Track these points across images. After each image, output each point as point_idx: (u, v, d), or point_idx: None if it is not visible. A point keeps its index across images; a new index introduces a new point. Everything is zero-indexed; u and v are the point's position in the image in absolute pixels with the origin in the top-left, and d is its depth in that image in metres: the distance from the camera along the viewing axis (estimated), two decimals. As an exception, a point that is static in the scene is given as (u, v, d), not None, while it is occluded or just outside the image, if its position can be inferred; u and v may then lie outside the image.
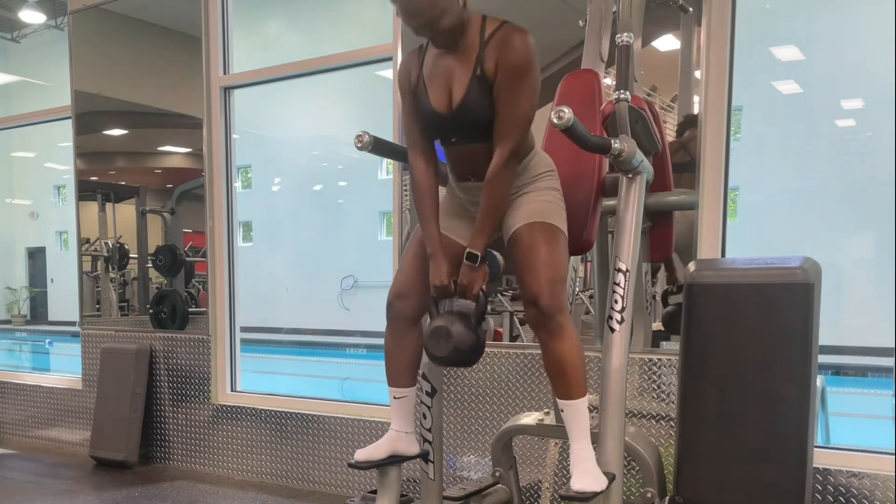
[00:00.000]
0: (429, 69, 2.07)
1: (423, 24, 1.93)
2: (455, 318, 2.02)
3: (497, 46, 1.95)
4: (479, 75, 1.97)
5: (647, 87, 2.88)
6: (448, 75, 2.03)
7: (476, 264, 2.03)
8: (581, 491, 1.90)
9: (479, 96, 1.98)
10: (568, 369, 2.00)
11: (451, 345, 1.99)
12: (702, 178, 2.78)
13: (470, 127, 2.03)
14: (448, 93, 2.03)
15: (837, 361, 5.79)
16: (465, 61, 2.00)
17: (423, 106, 2.08)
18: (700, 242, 2.79)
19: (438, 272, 2.06)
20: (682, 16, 2.83)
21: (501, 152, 1.98)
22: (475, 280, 2.05)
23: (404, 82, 2.13)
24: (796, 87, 6.09)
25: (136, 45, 4.56)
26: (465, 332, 2.00)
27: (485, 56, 1.96)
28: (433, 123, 2.09)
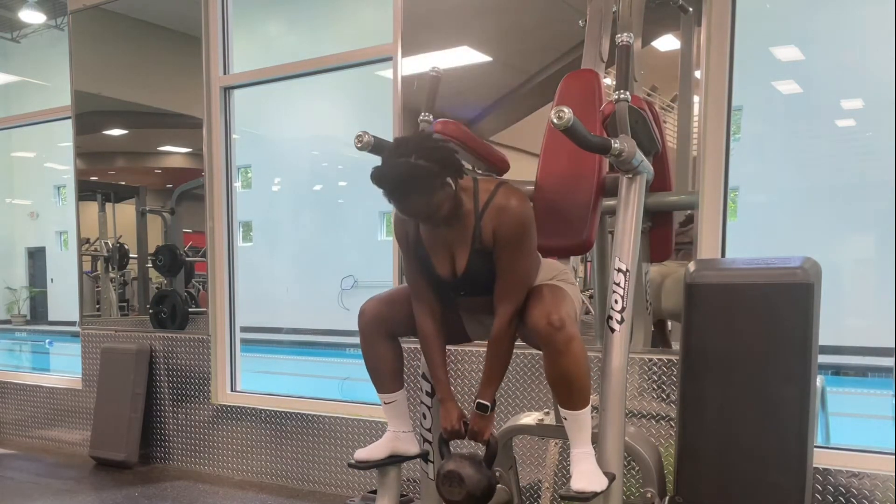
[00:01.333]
0: (427, 234, 2.09)
1: (423, 217, 1.95)
2: (466, 462, 2.08)
3: (493, 216, 1.99)
4: (477, 248, 2.02)
5: (647, 87, 2.88)
6: (449, 245, 2.06)
7: (486, 413, 2.10)
8: (581, 491, 1.90)
9: (480, 265, 2.04)
10: (575, 383, 1.99)
11: (464, 491, 2.04)
12: (702, 178, 2.78)
13: (479, 286, 2.09)
14: (451, 262, 2.07)
15: (837, 361, 5.78)
16: (462, 231, 2.03)
17: (428, 270, 2.11)
18: (700, 242, 2.79)
19: (449, 417, 2.13)
20: (682, 16, 2.83)
21: (504, 313, 2.03)
22: (485, 428, 2.12)
23: (402, 238, 2.15)
24: (796, 87, 6.08)
25: (136, 45, 4.56)
26: (477, 477, 2.06)
27: (481, 227, 2.01)
28: (440, 285, 2.13)
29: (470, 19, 3.34)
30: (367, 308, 2.21)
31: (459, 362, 3.33)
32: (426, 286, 2.14)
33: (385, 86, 3.65)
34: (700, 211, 2.78)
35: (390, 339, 2.23)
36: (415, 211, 1.92)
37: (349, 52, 3.82)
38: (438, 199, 1.90)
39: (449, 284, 2.11)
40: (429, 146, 1.90)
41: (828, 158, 6.28)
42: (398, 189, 1.87)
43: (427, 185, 1.86)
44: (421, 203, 1.88)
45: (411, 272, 2.16)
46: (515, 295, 2.03)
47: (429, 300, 2.15)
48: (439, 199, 1.90)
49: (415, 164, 1.84)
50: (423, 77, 2.55)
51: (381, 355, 2.22)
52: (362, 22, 6.70)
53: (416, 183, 1.85)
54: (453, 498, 2.05)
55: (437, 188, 1.88)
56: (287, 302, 10.59)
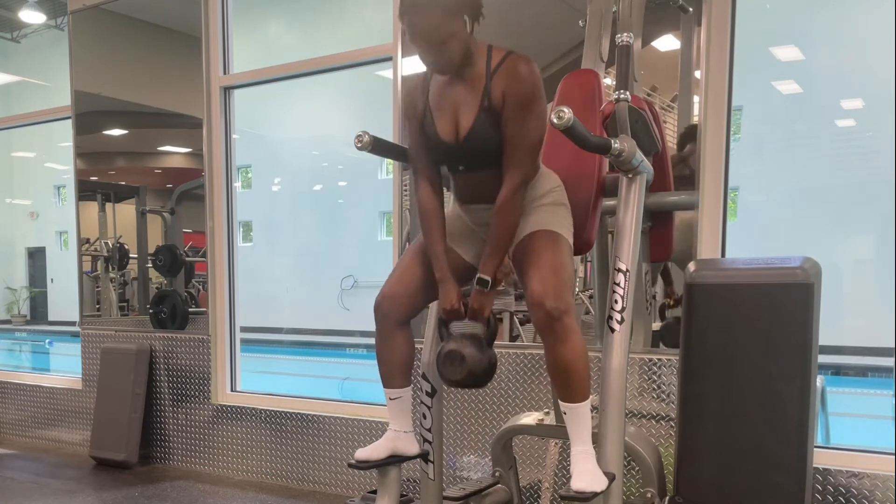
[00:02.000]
0: (435, 99, 2.07)
1: (431, 44, 1.92)
2: (467, 341, 2.04)
3: (504, 76, 1.97)
4: (486, 106, 1.99)
5: (647, 87, 2.88)
6: (455, 105, 2.03)
7: (486, 289, 2.05)
8: (581, 491, 1.90)
9: (486, 126, 2.00)
10: (573, 374, 1.99)
11: (465, 369, 2.01)
12: (702, 178, 2.78)
13: (478, 156, 2.05)
14: (455, 123, 2.04)
15: (837, 361, 5.78)
16: (472, 91, 2.01)
17: (429, 135, 2.08)
18: (700, 242, 2.79)
19: (448, 296, 2.09)
20: (682, 16, 2.83)
21: (511, 181, 2.00)
22: (485, 304, 2.07)
23: (410, 110, 2.13)
24: (796, 87, 6.09)
25: (136, 45, 4.56)
26: (478, 356, 2.03)
27: (491, 86, 1.98)
28: (440, 152, 2.10)
29: (470, 19, 3.33)
30: (381, 296, 2.20)
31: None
32: (428, 160, 2.13)
33: (385, 86, 3.65)
34: (700, 211, 2.78)
35: (405, 330, 2.21)
36: (426, 28, 1.89)
37: (349, 52, 3.82)
38: (451, 29, 1.89)
39: (450, 151, 2.07)
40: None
41: (828, 158, 6.29)
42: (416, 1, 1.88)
43: (445, 3, 1.87)
44: (434, 21, 1.87)
45: (415, 147, 2.14)
46: (523, 162, 2.00)
47: (430, 175, 2.13)
48: (452, 28, 1.89)
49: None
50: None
51: (395, 347, 2.20)
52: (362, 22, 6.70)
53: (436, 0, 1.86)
54: (454, 377, 2.03)
55: (452, 13, 1.88)
56: (287, 302, 10.60)
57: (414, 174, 2.18)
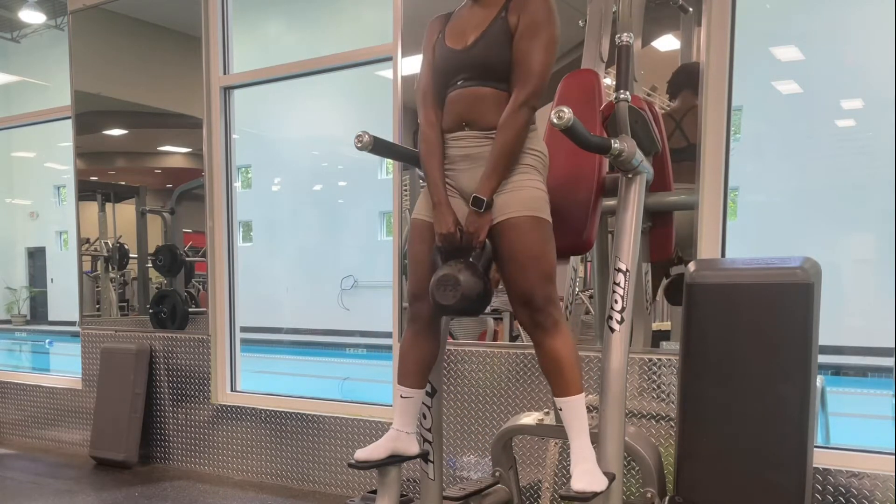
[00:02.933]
0: (453, 22, 2.15)
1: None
2: (462, 266, 2.00)
3: (520, 3, 2.03)
4: (500, 17, 2.04)
5: (647, 87, 2.88)
6: (469, 21, 2.10)
7: (482, 210, 2.02)
8: (581, 491, 1.90)
9: (495, 37, 2.04)
10: (564, 365, 2.01)
11: (458, 293, 1.97)
12: (702, 178, 2.78)
13: (480, 66, 2.06)
14: (465, 34, 2.09)
15: (837, 361, 5.78)
16: (489, 10, 2.07)
17: (438, 50, 2.13)
18: (700, 242, 2.79)
19: (444, 221, 2.07)
20: (682, 16, 2.83)
21: (517, 96, 2.01)
22: (481, 227, 2.03)
23: (427, 41, 2.19)
24: (796, 87, 6.08)
25: (136, 45, 4.56)
26: (473, 280, 1.98)
27: (509, 8, 2.04)
28: (446, 64, 2.11)
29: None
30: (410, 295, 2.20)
31: (459, 362, 3.33)
32: (436, 87, 2.15)
33: (385, 86, 3.65)
34: (700, 211, 2.78)
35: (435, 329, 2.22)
36: None
37: (349, 52, 3.82)
38: None
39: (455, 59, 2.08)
40: None
41: (828, 158, 6.28)
42: None
43: None
44: None
45: (426, 78, 2.18)
46: (530, 81, 2.00)
47: (434, 104, 2.16)
48: None
49: None
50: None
51: (422, 346, 2.21)
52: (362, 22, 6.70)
53: None
54: (447, 301, 1.98)
55: None
56: (287, 302, 10.60)
57: (419, 103, 2.19)
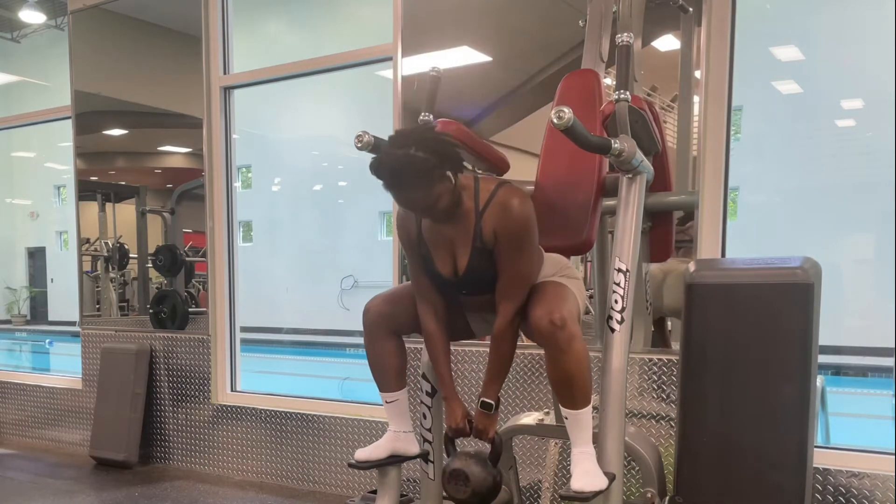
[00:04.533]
0: (428, 232, 2.09)
1: (421, 210, 1.95)
2: (472, 460, 2.08)
3: (494, 215, 1.99)
4: (478, 246, 2.02)
5: (647, 87, 2.88)
6: (449, 243, 2.06)
7: (491, 412, 2.11)
8: (581, 491, 1.90)
9: (481, 263, 2.03)
10: (576, 382, 1.98)
11: (469, 489, 2.05)
12: (702, 178, 2.78)
13: (478, 286, 2.09)
14: (452, 260, 2.07)
15: (837, 361, 5.78)
16: (464, 229, 2.03)
17: (430, 269, 2.11)
18: (700, 242, 2.79)
19: (454, 415, 2.14)
20: (682, 16, 2.83)
21: (505, 312, 2.04)
22: (490, 425, 2.13)
23: (404, 238, 2.16)
24: (796, 87, 6.08)
25: (136, 45, 4.56)
26: (483, 475, 2.07)
27: (482, 225, 2.00)
28: (441, 283, 2.13)
29: (470, 19, 3.34)
30: (371, 306, 2.21)
31: (462, 362, 3.33)
32: (429, 285, 2.15)
33: (385, 86, 3.65)
34: (700, 211, 2.78)
35: (394, 337, 2.22)
36: (413, 203, 1.92)
37: (349, 52, 3.82)
38: (437, 192, 1.89)
39: (451, 283, 2.11)
40: (429, 138, 1.91)
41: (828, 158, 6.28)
42: (396, 180, 1.88)
43: (426, 176, 1.86)
44: (419, 195, 1.88)
45: (414, 271, 2.17)
46: (516, 293, 2.03)
47: (432, 299, 2.15)
48: (438, 191, 1.90)
49: (414, 155, 1.84)
50: (424, 77, 2.55)
51: (385, 353, 2.22)
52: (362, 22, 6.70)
53: (415, 175, 1.85)
54: (459, 496, 2.06)
55: (436, 180, 1.88)
56: (287, 302, 10.59)
57: (416, 296, 2.19)
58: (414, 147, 1.85)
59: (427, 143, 1.88)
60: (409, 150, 1.85)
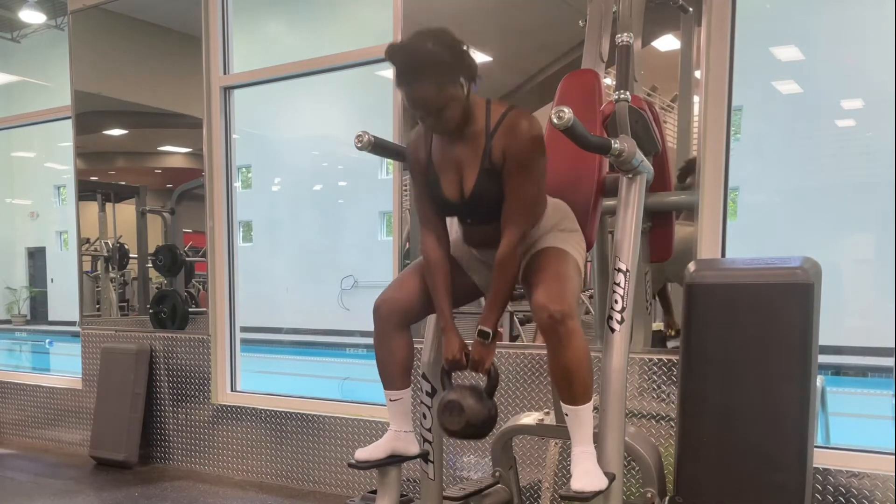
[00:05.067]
0: (438, 155, 2.08)
1: (429, 111, 1.92)
2: (467, 392, 2.06)
3: (503, 135, 1.97)
4: (487, 167, 2.00)
5: (647, 87, 2.88)
6: (458, 164, 2.05)
7: (487, 341, 2.07)
8: (581, 491, 1.90)
9: (489, 186, 2.01)
10: (576, 377, 1.98)
11: (463, 420, 2.02)
12: (702, 178, 2.78)
13: (483, 212, 2.07)
14: (459, 182, 2.06)
15: (837, 361, 5.78)
16: (473, 150, 2.02)
17: (435, 193, 2.10)
18: (700, 242, 2.79)
19: (451, 347, 2.11)
20: (682, 16, 2.83)
21: (510, 237, 2.01)
22: (486, 356, 2.09)
23: (414, 164, 2.15)
24: (796, 87, 6.09)
25: (136, 45, 4.56)
26: (478, 407, 2.04)
27: (492, 146, 1.99)
28: (446, 208, 2.12)
29: (470, 19, 3.34)
30: (382, 300, 2.20)
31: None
32: (434, 212, 2.14)
33: (385, 86, 3.65)
34: (700, 211, 2.78)
35: (405, 332, 2.21)
36: (423, 98, 1.89)
37: (349, 52, 3.82)
38: (448, 95, 1.89)
39: (456, 208, 2.10)
40: (450, 40, 1.90)
41: (828, 158, 6.28)
42: (410, 68, 1.87)
43: (440, 73, 1.86)
44: (431, 91, 1.87)
45: (420, 198, 2.15)
46: (522, 218, 2.01)
47: (436, 227, 2.14)
48: (449, 94, 1.89)
49: (432, 48, 1.85)
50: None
51: (394, 349, 2.20)
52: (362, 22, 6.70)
53: (430, 68, 1.85)
54: (453, 427, 2.04)
55: (449, 81, 1.88)
56: (287, 302, 10.60)
57: (420, 225, 2.18)
58: (433, 42, 1.86)
59: (447, 42, 1.88)
60: (428, 44, 1.85)
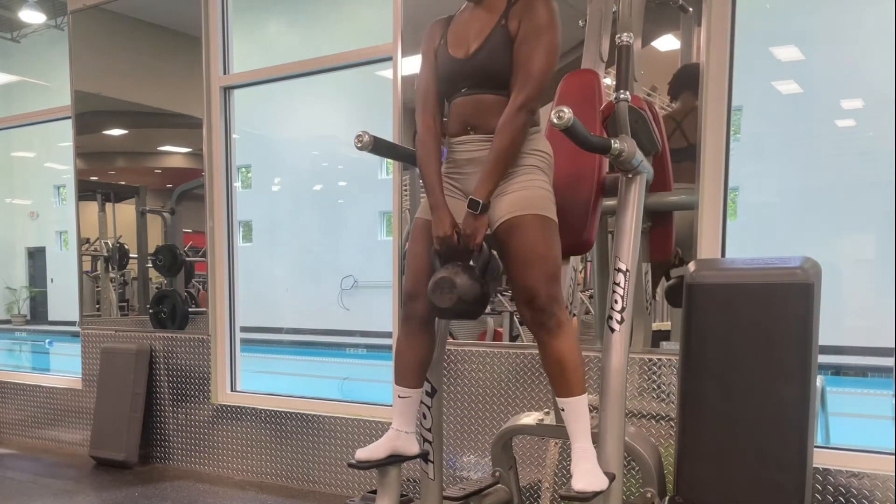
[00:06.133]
0: (454, 28, 2.14)
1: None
2: (459, 268, 1.99)
3: (522, 7, 2.03)
4: (502, 25, 2.04)
5: (647, 87, 2.88)
6: (471, 27, 2.10)
7: (478, 212, 2.01)
8: (581, 491, 1.90)
9: (497, 45, 2.04)
10: (568, 366, 2.00)
11: (454, 295, 1.96)
12: (702, 178, 2.78)
13: (483, 73, 2.07)
14: (467, 42, 2.09)
15: (837, 361, 5.78)
16: (490, 15, 2.07)
17: (440, 59, 2.14)
18: (700, 242, 2.79)
19: (441, 224, 2.06)
20: (682, 16, 2.83)
21: (516, 99, 2.01)
22: (478, 229, 2.03)
23: (428, 45, 2.20)
24: (796, 87, 6.09)
25: (136, 45, 4.56)
26: (470, 283, 1.97)
27: (510, 13, 2.04)
28: (448, 72, 2.12)
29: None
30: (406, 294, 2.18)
31: (459, 362, 3.34)
32: (434, 90, 2.16)
33: (385, 86, 3.65)
34: (700, 211, 2.78)
35: (430, 328, 2.20)
36: None
37: (349, 52, 3.82)
38: None
39: (457, 68, 2.10)
40: None
41: (828, 158, 6.29)
42: None
43: None
44: None
45: (425, 80, 2.18)
46: (530, 86, 2.00)
47: (433, 112, 2.16)
48: None
49: None
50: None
51: (417, 346, 2.19)
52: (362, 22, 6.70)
53: None
54: (444, 304, 1.98)
55: None
56: (287, 302, 10.60)
57: (419, 103, 2.19)
58: None
59: None
60: None
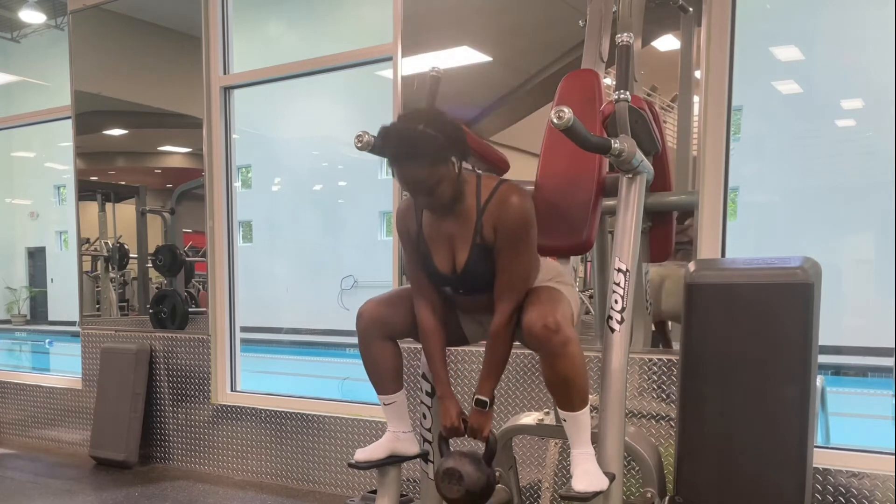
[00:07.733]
0: (428, 229, 2.08)
1: (420, 191, 1.92)
2: (466, 459, 2.06)
3: (494, 211, 1.98)
4: (479, 242, 2.01)
5: (647, 87, 2.88)
6: (449, 239, 2.06)
7: (485, 409, 2.09)
8: (582, 491, 1.90)
9: (481, 261, 2.03)
10: (572, 385, 1.97)
11: (463, 488, 2.03)
12: (702, 178, 2.78)
13: (476, 285, 2.08)
14: (451, 257, 2.06)
15: (837, 361, 5.78)
16: (464, 226, 2.02)
17: (427, 265, 2.10)
18: (700, 242, 2.79)
19: (448, 414, 2.12)
20: (682, 16, 2.83)
21: (503, 311, 2.02)
22: (484, 424, 2.11)
23: (403, 234, 2.16)
24: (796, 87, 6.08)
25: (136, 45, 4.56)
26: (477, 475, 2.04)
27: (483, 223, 2.00)
28: (439, 280, 2.12)
29: (470, 19, 3.34)
30: (365, 310, 2.20)
31: (459, 362, 3.33)
32: (427, 281, 2.14)
33: (385, 86, 3.65)
34: (700, 211, 2.78)
35: (389, 340, 2.21)
36: (413, 180, 1.89)
37: (349, 52, 3.82)
38: (439, 175, 1.89)
39: (448, 281, 2.10)
40: (440, 119, 1.92)
41: (828, 158, 6.28)
42: (401, 151, 1.88)
43: (430, 155, 1.86)
44: (422, 173, 1.87)
45: (412, 267, 2.16)
46: (515, 292, 2.02)
47: (430, 295, 2.15)
48: (440, 174, 1.89)
49: (423, 130, 1.86)
50: (424, 77, 2.56)
51: (380, 357, 2.21)
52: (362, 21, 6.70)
53: (420, 150, 1.86)
54: (452, 496, 2.04)
55: (440, 162, 1.88)
56: (287, 302, 10.60)
57: (414, 292, 2.18)
58: (424, 124, 1.87)
59: (437, 122, 1.89)
60: (419, 126, 1.86)
